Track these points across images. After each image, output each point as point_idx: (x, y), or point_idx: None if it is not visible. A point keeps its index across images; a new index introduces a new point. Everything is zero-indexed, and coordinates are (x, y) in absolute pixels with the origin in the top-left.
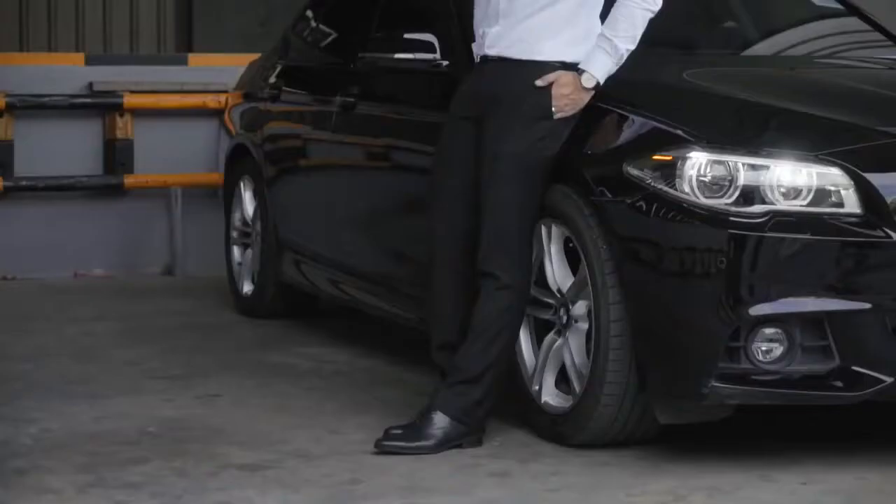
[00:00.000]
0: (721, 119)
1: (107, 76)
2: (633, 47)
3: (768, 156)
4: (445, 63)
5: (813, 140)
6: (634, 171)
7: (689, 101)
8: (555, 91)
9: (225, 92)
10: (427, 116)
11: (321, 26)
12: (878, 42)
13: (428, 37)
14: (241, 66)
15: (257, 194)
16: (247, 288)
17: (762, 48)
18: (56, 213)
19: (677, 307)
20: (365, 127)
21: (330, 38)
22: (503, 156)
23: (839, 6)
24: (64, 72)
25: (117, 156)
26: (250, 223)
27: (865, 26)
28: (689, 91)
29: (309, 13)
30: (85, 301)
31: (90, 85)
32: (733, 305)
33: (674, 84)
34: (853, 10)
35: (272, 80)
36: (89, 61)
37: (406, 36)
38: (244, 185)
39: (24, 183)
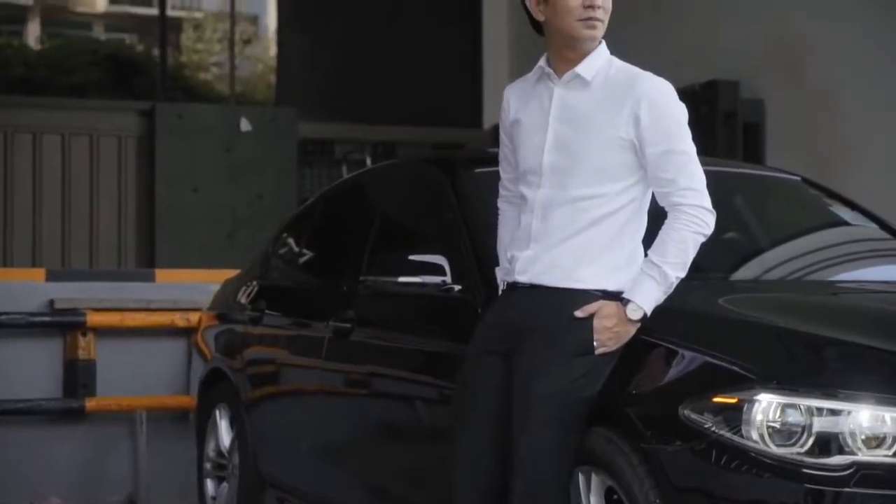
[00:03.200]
0: (782, 354)
1: (68, 293)
2: (683, 275)
3: (847, 399)
4: (458, 287)
5: (893, 379)
6: (692, 415)
7: (739, 333)
8: (596, 324)
9: (194, 310)
10: (435, 346)
11: (305, 246)
12: None
13: (437, 258)
14: (211, 283)
15: (235, 423)
16: None
17: (789, 268)
18: (11, 439)
19: None
20: (362, 355)
21: (317, 259)
22: (537, 396)
23: (859, 215)
24: (23, 288)
25: (79, 377)
26: (226, 454)
27: (885, 234)
28: (737, 321)
29: (287, 232)
30: None
31: (51, 302)
32: None
33: (716, 313)
34: (873, 219)
35: (252, 301)
36: (50, 277)
37: (411, 257)
38: (220, 412)
39: None
